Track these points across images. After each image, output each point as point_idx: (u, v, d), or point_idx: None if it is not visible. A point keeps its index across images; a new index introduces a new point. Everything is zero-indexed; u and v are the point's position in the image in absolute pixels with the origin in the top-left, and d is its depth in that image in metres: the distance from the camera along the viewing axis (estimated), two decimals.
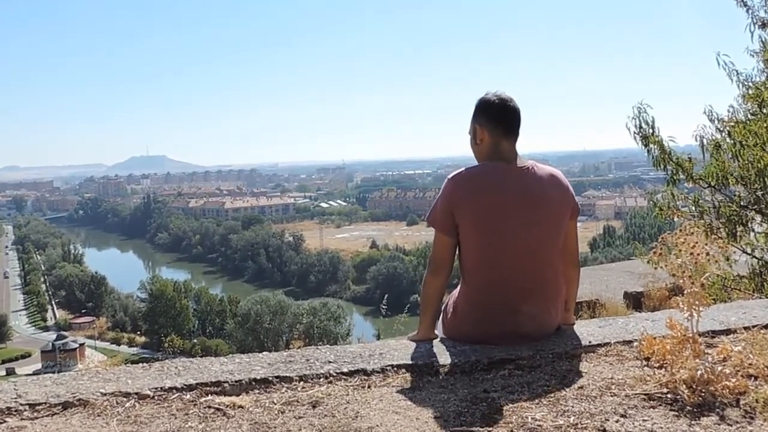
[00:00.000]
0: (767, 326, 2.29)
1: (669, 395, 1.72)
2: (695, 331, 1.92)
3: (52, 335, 52.86)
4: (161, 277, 62.93)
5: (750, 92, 4.39)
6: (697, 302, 1.91)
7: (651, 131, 4.30)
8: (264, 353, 2.20)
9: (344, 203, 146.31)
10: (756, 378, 1.80)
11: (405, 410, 1.72)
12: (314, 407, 1.74)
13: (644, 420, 1.59)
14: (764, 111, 4.31)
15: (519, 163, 2.24)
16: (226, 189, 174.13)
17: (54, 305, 68.94)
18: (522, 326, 2.19)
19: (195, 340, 48.44)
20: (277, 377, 1.93)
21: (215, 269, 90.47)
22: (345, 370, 1.98)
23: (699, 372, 1.73)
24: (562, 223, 2.26)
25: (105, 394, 1.79)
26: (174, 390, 1.83)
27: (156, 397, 1.80)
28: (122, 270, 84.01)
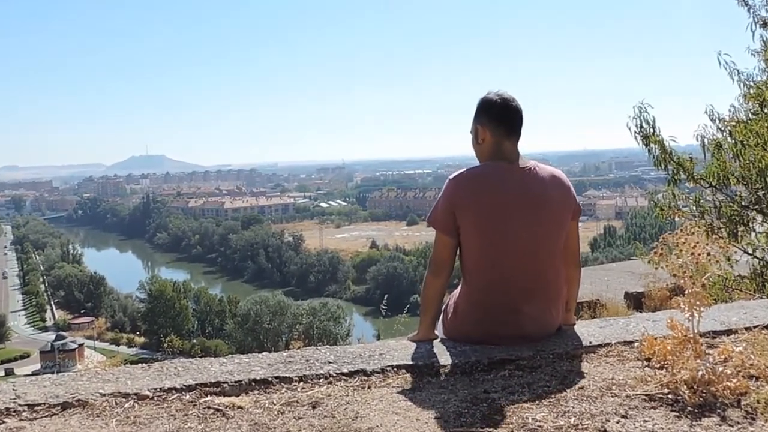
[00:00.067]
0: None
1: (670, 396, 1.72)
2: (696, 332, 1.91)
3: (51, 336, 52.86)
4: (160, 278, 62.86)
5: (751, 92, 4.39)
6: (698, 302, 1.90)
7: (652, 131, 4.30)
8: (264, 354, 2.19)
9: (344, 203, 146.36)
10: (757, 378, 1.79)
11: (405, 411, 1.71)
12: (314, 408, 1.74)
13: (645, 421, 1.59)
14: (765, 110, 4.30)
15: (521, 164, 2.23)
16: (226, 189, 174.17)
17: (53, 305, 68.90)
18: (523, 327, 2.19)
19: (194, 341, 48.43)
20: (277, 378, 1.92)
21: (215, 269, 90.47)
22: (345, 371, 1.98)
23: (700, 372, 1.73)
24: (564, 224, 2.26)
25: (104, 395, 1.79)
26: (173, 390, 1.83)
27: (155, 398, 1.79)
28: (121, 270, 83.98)
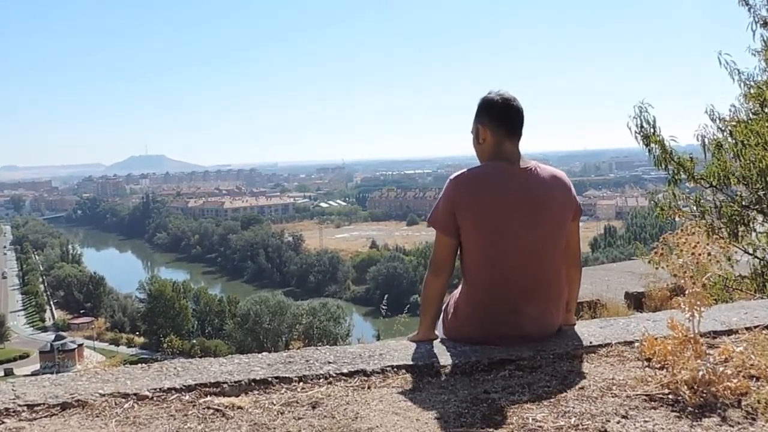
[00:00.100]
0: None
1: (670, 396, 1.71)
2: (697, 332, 1.91)
3: (51, 336, 52.85)
4: (160, 278, 62.87)
5: (752, 91, 4.39)
6: (699, 303, 1.90)
7: (652, 131, 4.30)
8: (263, 354, 2.19)
9: (344, 203, 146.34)
10: (758, 379, 1.79)
11: (405, 411, 1.71)
12: (314, 408, 1.74)
13: (645, 421, 1.59)
14: (766, 110, 4.30)
15: (522, 164, 2.23)
16: (226, 189, 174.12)
17: (52, 305, 68.87)
18: (523, 327, 2.19)
19: (194, 341, 48.41)
20: (277, 378, 1.92)
21: (214, 269, 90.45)
22: (345, 371, 1.97)
23: (700, 373, 1.73)
24: (565, 224, 2.25)
25: (104, 395, 1.78)
26: (173, 391, 1.82)
27: (155, 398, 1.79)
28: (121, 270, 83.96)
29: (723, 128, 4.36)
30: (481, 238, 2.19)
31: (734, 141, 4.22)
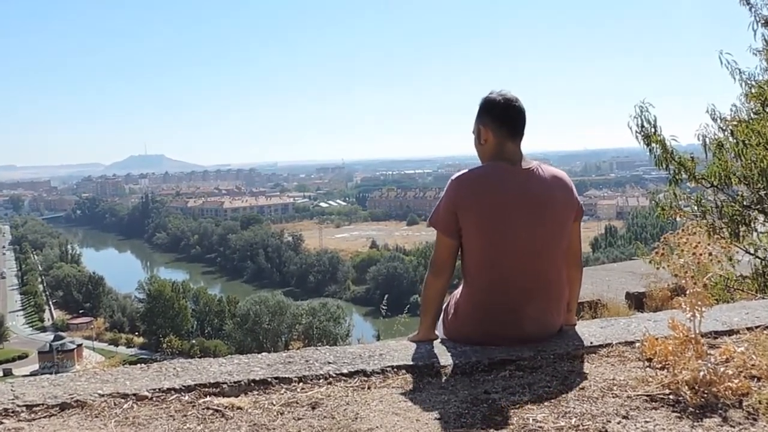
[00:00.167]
0: None
1: (671, 396, 1.71)
2: (698, 332, 1.91)
3: (50, 336, 52.79)
4: (159, 278, 62.88)
5: (753, 91, 4.38)
6: (700, 303, 1.90)
7: (653, 130, 4.29)
8: (263, 354, 2.19)
9: (344, 203, 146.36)
10: (759, 379, 1.79)
11: (405, 411, 1.71)
12: (313, 408, 1.73)
13: (646, 421, 1.59)
14: (767, 110, 4.30)
15: (524, 164, 2.22)
16: (225, 188, 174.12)
17: (51, 306, 68.84)
18: (524, 327, 2.18)
19: (193, 341, 48.40)
20: (276, 378, 1.91)
21: (214, 269, 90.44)
22: (344, 371, 1.97)
23: (701, 373, 1.72)
24: (566, 225, 2.25)
25: (103, 396, 1.78)
26: (172, 391, 1.82)
27: (154, 399, 1.78)
28: (120, 270, 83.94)
29: (724, 128, 4.35)
30: (482, 239, 2.18)
31: (735, 141, 4.21)
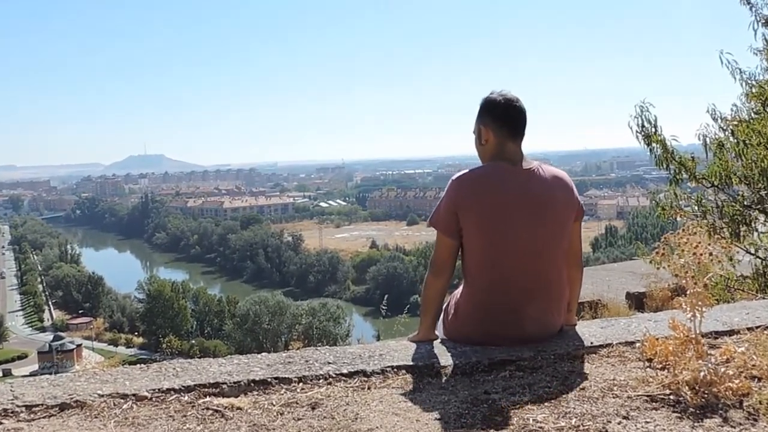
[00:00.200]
0: None
1: (671, 397, 1.71)
2: (698, 332, 1.90)
3: (49, 336, 52.73)
4: (159, 278, 62.84)
5: (754, 90, 4.38)
6: (700, 303, 1.90)
7: (653, 130, 4.29)
8: (263, 354, 2.18)
9: (344, 203, 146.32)
10: (759, 379, 1.78)
11: (405, 412, 1.70)
12: (313, 409, 1.73)
13: (646, 422, 1.58)
14: None
15: (525, 165, 2.22)
16: (225, 188, 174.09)
17: (51, 306, 68.80)
18: (525, 327, 2.18)
19: (193, 341, 48.38)
20: (276, 378, 1.91)
21: (213, 269, 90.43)
22: (344, 372, 1.97)
23: (702, 373, 1.72)
24: (567, 225, 2.25)
25: (102, 396, 1.77)
26: (172, 391, 1.82)
27: (154, 399, 1.78)
28: (120, 270, 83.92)
29: (725, 128, 4.35)
30: (483, 238, 2.18)
31: (736, 140, 4.21)
